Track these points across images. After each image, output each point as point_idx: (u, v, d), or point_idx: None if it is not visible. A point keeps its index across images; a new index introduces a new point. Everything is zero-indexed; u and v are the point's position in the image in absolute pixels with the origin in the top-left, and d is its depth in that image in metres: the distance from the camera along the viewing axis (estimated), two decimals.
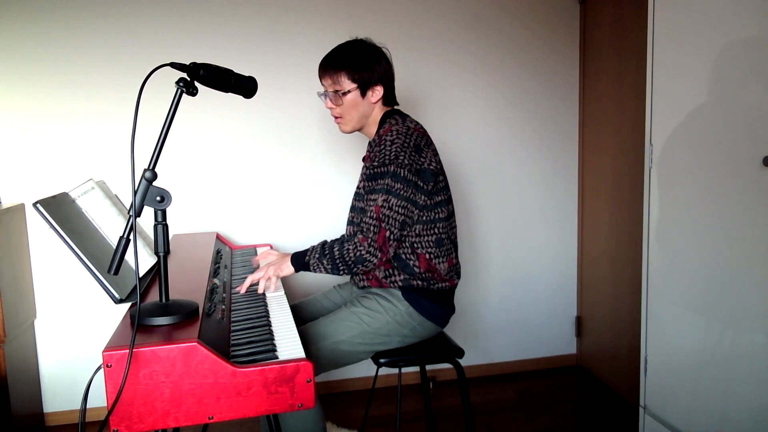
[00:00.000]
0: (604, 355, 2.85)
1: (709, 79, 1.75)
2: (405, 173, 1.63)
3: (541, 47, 2.84)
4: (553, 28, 2.84)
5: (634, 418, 2.37)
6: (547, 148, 2.92)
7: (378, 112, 1.79)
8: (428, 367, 2.80)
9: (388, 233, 1.61)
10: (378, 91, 1.75)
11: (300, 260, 1.70)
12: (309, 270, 1.69)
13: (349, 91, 1.73)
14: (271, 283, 1.70)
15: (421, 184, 1.67)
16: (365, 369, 2.79)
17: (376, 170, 1.66)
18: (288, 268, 1.71)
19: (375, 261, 1.62)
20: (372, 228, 1.61)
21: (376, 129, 1.80)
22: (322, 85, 1.78)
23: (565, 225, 2.99)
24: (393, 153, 1.63)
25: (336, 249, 1.64)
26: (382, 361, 1.72)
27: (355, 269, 1.64)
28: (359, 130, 1.82)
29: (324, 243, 1.69)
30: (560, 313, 3.03)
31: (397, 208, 1.62)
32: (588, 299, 2.97)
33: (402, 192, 1.62)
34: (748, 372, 1.67)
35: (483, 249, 2.91)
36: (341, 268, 1.65)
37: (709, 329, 1.80)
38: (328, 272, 1.67)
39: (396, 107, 1.84)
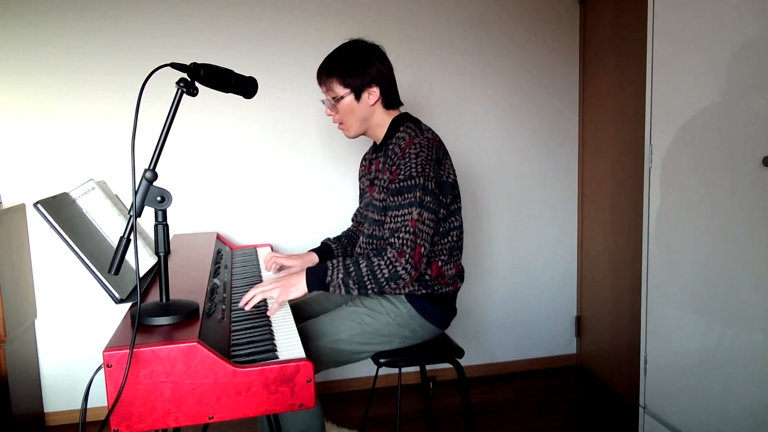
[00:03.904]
0: (603, 355, 2.85)
1: (709, 79, 1.76)
2: (432, 186, 1.61)
3: (541, 47, 2.84)
4: (553, 28, 2.84)
5: (633, 418, 2.37)
6: (547, 148, 2.92)
7: (381, 114, 1.76)
8: (428, 367, 2.80)
9: (422, 249, 1.57)
10: (374, 93, 1.71)
11: (319, 283, 1.57)
12: (327, 291, 1.58)
13: (342, 97, 1.70)
14: (273, 309, 1.53)
15: (441, 198, 1.66)
16: (365, 369, 2.79)
17: (402, 184, 1.61)
18: (297, 291, 1.56)
19: (408, 278, 1.57)
20: (409, 243, 1.55)
21: (384, 132, 1.78)
22: (322, 92, 1.77)
23: (565, 225, 2.99)
24: (420, 166, 1.61)
25: (363, 265, 1.55)
26: (382, 361, 1.72)
27: (387, 287, 1.56)
28: (364, 133, 1.80)
29: (344, 261, 1.59)
30: (560, 312, 3.03)
31: (428, 222, 1.60)
32: (588, 299, 2.97)
33: (431, 205, 1.60)
34: (748, 372, 1.67)
35: (482, 249, 2.91)
36: (370, 286, 1.55)
37: (709, 329, 1.80)
38: (351, 292, 1.56)
39: (403, 110, 1.81)
